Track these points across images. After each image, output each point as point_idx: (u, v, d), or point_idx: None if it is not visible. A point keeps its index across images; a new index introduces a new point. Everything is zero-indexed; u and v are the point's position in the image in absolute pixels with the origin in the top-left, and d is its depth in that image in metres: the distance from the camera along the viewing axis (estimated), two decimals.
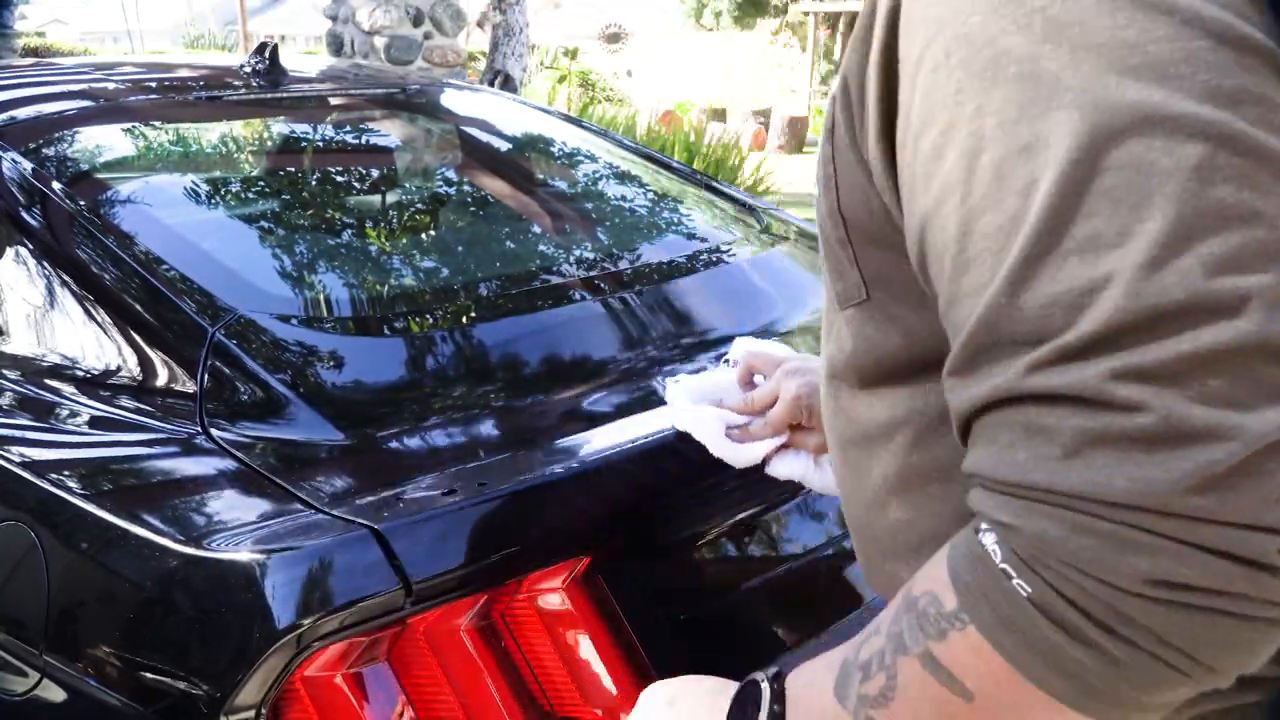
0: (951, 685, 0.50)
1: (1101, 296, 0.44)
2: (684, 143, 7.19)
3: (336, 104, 2.12)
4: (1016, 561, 0.47)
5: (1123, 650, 0.45)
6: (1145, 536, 0.43)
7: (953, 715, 0.51)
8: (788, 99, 18.08)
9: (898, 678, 0.53)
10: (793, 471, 1.04)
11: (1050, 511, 0.45)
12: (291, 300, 1.39)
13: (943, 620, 0.50)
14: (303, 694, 0.88)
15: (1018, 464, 0.46)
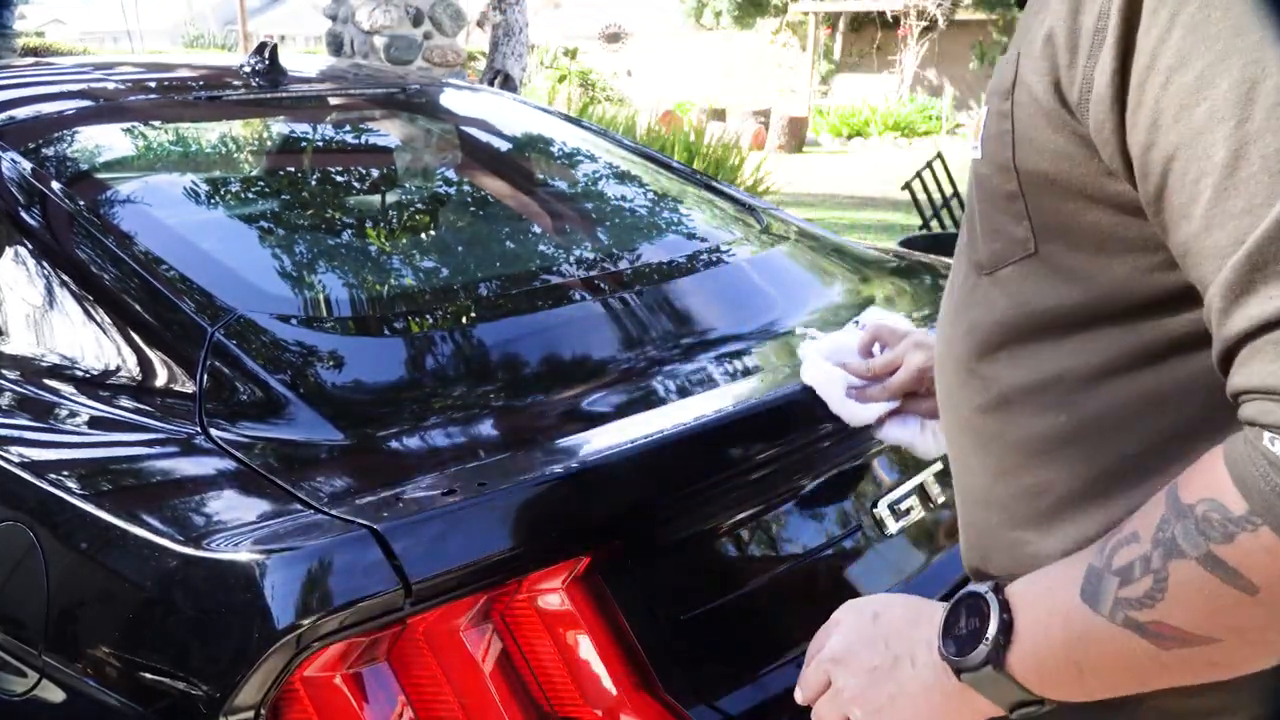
0: (1235, 581, 0.54)
1: None
2: (684, 143, 7.19)
3: (336, 104, 2.12)
4: None
5: None
6: None
7: (1231, 609, 0.55)
8: (788, 99, 18.08)
9: (1169, 579, 0.57)
10: (901, 437, 1.13)
11: None
12: (291, 300, 1.39)
13: (1230, 524, 0.54)
14: (302, 694, 0.88)
15: None
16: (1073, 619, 0.62)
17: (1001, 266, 0.69)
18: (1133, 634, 0.59)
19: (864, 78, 18.00)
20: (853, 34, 18.49)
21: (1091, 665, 0.62)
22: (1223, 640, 0.57)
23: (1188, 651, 0.58)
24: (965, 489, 0.78)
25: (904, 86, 16.81)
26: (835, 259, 1.84)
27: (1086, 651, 0.62)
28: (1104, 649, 0.61)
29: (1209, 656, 0.58)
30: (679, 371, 1.32)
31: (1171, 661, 0.59)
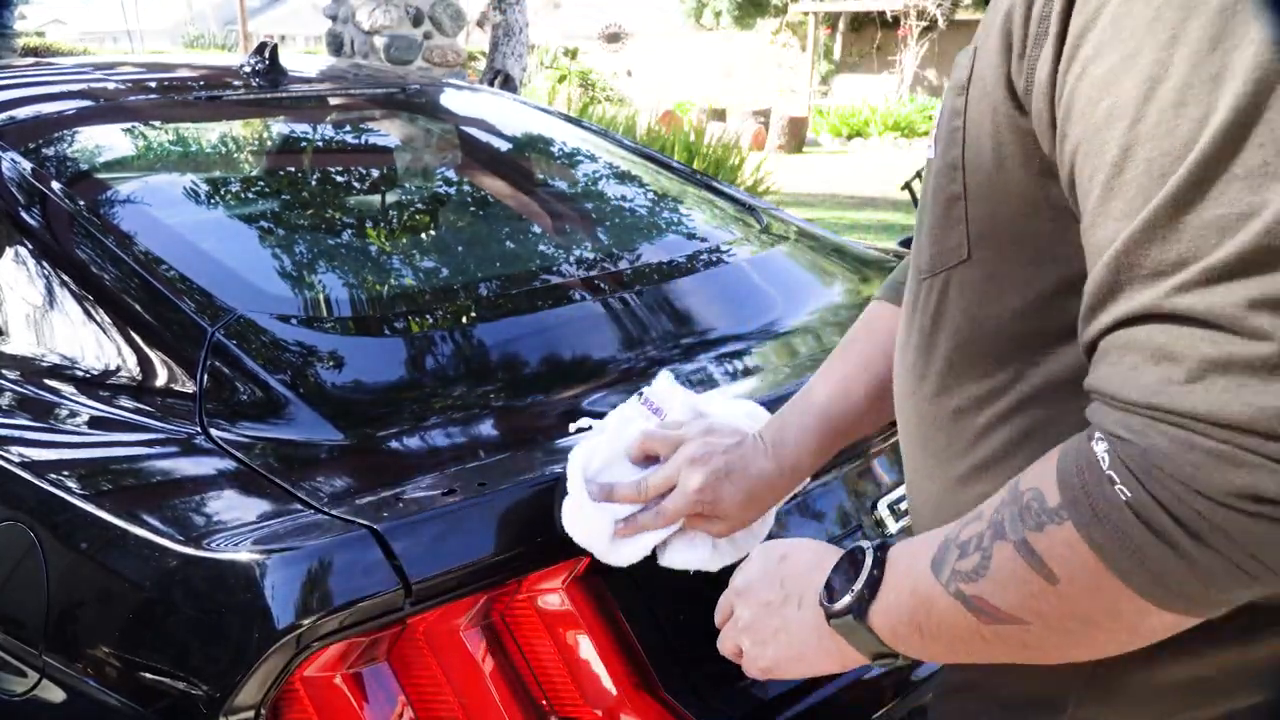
0: (1040, 569, 0.56)
1: (1254, 222, 0.46)
2: (684, 143, 7.19)
3: (336, 104, 2.12)
4: (1123, 470, 0.51)
5: (1204, 555, 0.49)
6: (1249, 456, 0.47)
7: (1035, 595, 0.57)
8: (788, 99, 18.08)
9: (992, 559, 0.59)
10: (688, 562, 0.97)
11: (1165, 430, 0.49)
12: (291, 300, 1.39)
13: (1043, 515, 0.55)
14: (302, 694, 0.88)
15: (1142, 386, 0.50)
16: (920, 584, 0.64)
17: (939, 271, 0.68)
18: (960, 605, 0.61)
19: (864, 78, 18.01)
20: (853, 34, 18.50)
21: (930, 629, 0.64)
22: (1030, 623, 0.58)
23: (1002, 629, 0.60)
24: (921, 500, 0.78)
25: (904, 86, 16.81)
26: (835, 259, 1.84)
27: (927, 616, 0.64)
28: (939, 616, 0.63)
29: (1020, 638, 0.59)
30: (679, 371, 1.32)
31: (990, 636, 0.61)
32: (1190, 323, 0.48)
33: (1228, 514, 0.48)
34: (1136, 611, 0.54)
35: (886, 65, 17.60)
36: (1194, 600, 0.52)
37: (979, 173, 0.64)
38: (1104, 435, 0.52)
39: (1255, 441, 0.47)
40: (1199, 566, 0.50)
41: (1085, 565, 0.54)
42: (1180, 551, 0.50)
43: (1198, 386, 0.48)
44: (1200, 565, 0.50)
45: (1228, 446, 0.47)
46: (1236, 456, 0.47)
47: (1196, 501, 0.48)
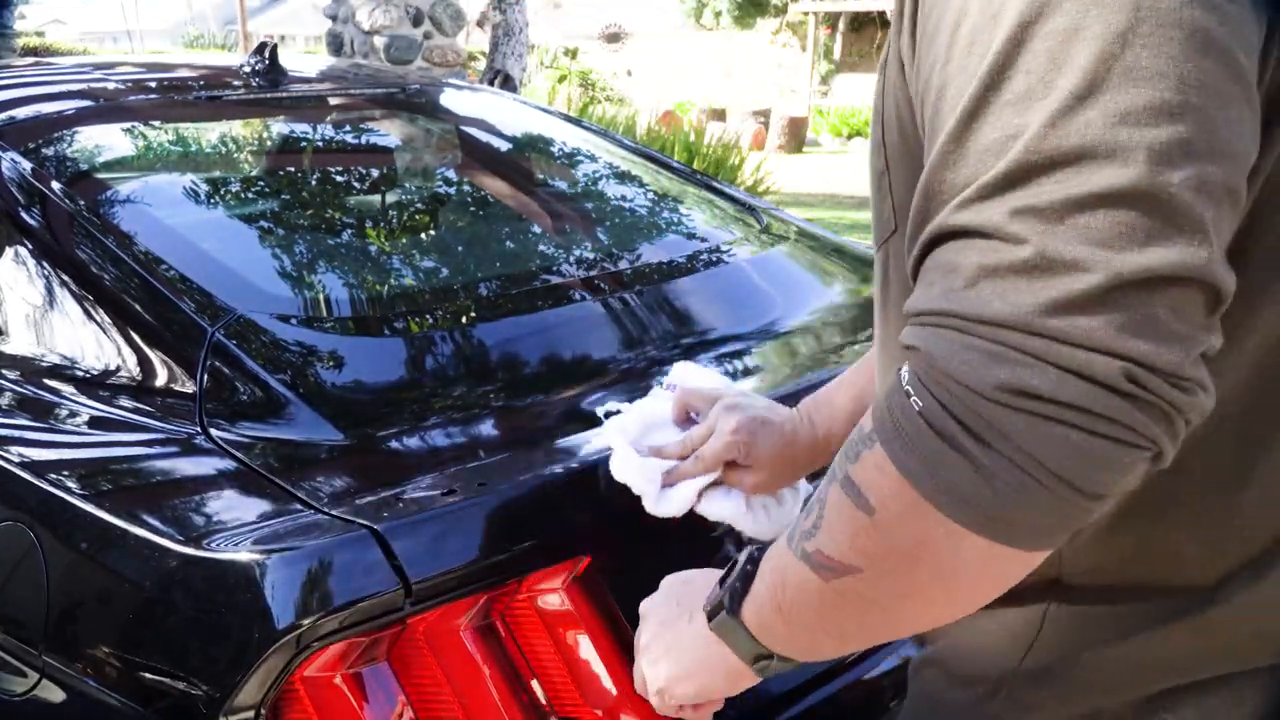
0: (858, 501, 0.56)
1: (1018, 142, 0.50)
2: (684, 143, 7.19)
3: (336, 104, 2.12)
4: (915, 381, 0.52)
5: (989, 457, 0.50)
6: (1010, 351, 0.49)
7: (858, 532, 0.56)
8: (788, 99, 18.08)
9: (826, 506, 0.59)
10: (723, 512, 0.98)
11: (943, 333, 0.51)
12: (291, 300, 1.39)
13: (860, 443, 0.56)
14: (302, 694, 0.88)
15: (930, 297, 0.53)
16: (778, 560, 0.64)
17: (879, 245, 0.71)
18: (805, 566, 0.61)
19: (864, 78, 17.99)
20: (853, 34, 18.49)
21: (787, 607, 0.64)
22: (862, 570, 0.57)
23: (841, 584, 0.59)
24: None
25: None
26: (835, 259, 1.84)
27: (784, 592, 0.63)
28: (792, 588, 0.62)
29: (859, 591, 0.58)
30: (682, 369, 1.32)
31: (834, 598, 0.60)
32: (969, 235, 0.51)
33: (1000, 410, 0.49)
34: (947, 537, 0.53)
35: None
36: (994, 520, 0.51)
37: (893, 146, 0.66)
38: (906, 354, 0.54)
39: (1017, 338, 0.48)
40: (985, 471, 0.50)
41: (893, 488, 0.54)
42: (966, 455, 0.50)
43: (970, 291, 0.50)
44: (986, 470, 0.50)
45: (994, 344, 0.49)
46: (1001, 353, 0.49)
47: (972, 400, 0.50)
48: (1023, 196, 0.49)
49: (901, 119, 0.64)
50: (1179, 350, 0.48)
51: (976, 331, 0.50)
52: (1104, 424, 0.48)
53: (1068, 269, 0.48)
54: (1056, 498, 0.50)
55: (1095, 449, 0.49)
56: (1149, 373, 0.48)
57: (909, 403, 0.52)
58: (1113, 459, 0.49)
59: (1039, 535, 0.53)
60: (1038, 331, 0.48)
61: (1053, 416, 0.48)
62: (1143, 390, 0.48)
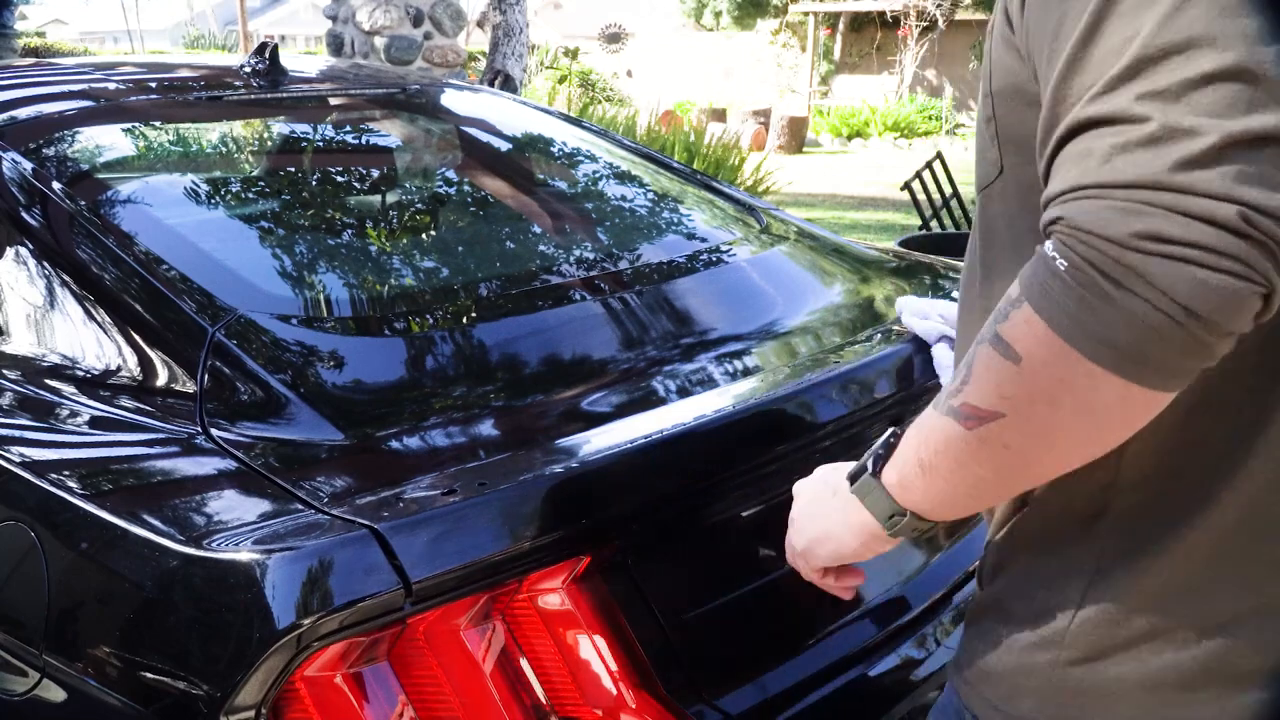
0: (1006, 353, 0.63)
1: (1135, 41, 0.59)
2: (684, 143, 7.19)
3: (336, 104, 2.12)
4: (1059, 245, 0.60)
5: (1129, 300, 0.58)
6: (1144, 206, 0.57)
7: (1005, 380, 0.64)
8: (788, 99, 18.08)
9: (974, 364, 0.66)
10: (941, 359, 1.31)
11: (1083, 202, 0.59)
12: (291, 300, 1.39)
13: (1008, 305, 0.64)
14: (303, 694, 0.88)
15: (1068, 179, 0.61)
16: (923, 421, 0.72)
17: (982, 188, 0.79)
18: (950, 419, 0.68)
19: (864, 78, 18.00)
20: (853, 34, 18.48)
21: (928, 460, 0.71)
22: (1004, 414, 0.65)
23: (984, 432, 0.66)
24: None
25: (904, 87, 16.81)
26: (835, 259, 1.84)
27: (927, 446, 0.71)
28: (935, 441, 0.70)
29: (1000, 437, 0.65)
30: (679, 371, 1.33)
31: (976, 446, 0.67)
32: (1100, 124, 0.60)
33: (1138, 256, 0.57)
34: (1087, 377, 0.60)
35: (886, 65, 17.60)
36: (1130, 359, 0.59)
37: (1001, 95, 0.75)
38: (1048, 231, 0.62)
39: (1148, 194, 0.57)
40: (1124, 311, 0.58)
41: (1038, 336, 0.61)
42: (1109, 299, 0.58)
43: (1106, 165, 0.59)
44: (1125, 309, 0.58)
45: (1130, 202, 0.57)
46: (1136, 208, 0.57)
47: (1113, 250, 0.58)
48: (1143, 84, 0.58)
49: (1009, 69, 0.73)
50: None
51: (1113, 195, 0.58)
52: (1226, 260, 0.56)
53: (1187, 135, 0.56)
54: (1186, 333, 0.57)
55: (1220, 283, 0.56)
56: (1260, 215, 0.55)
57: (1054, 264, 0.60)
58: (1234, 292, 0.56)
59: (1168, 374, 0.60)
60: (1166, 186, 0.57)
61: (1183, 258, 0.56)
62: (1255, 230, 0.56)
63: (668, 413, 1.18)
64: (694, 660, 1.08)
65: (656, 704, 1.01)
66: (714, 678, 1.09)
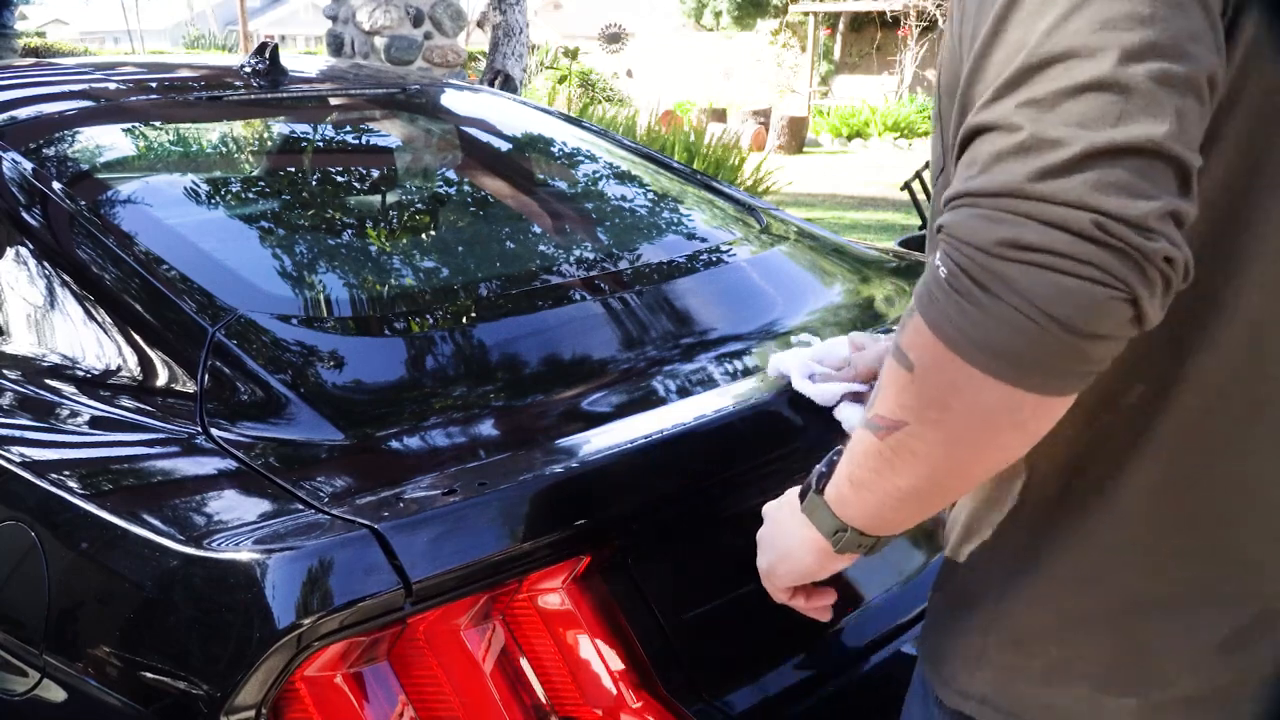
0: (902, 361, 0.66)
1: (1023, 51, 0.61)
2: (684, 143, 7.19)
3: (336, 104, 2.12)
4: (942, 255, 0.63)
5: (995, 304, 0.60)
6: (1007, 215, 0.60)
7: (902, 388, 0.67)
8: (788, 99, 18.08)
9: (883, 375, 0.69)
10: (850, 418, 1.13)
11: (959, 210, 0.62)
12: (291, 300, 1.39)
13: (906, 315, 0.67)
14: (303, 694, 0.88)
15: (954, 189, 0.63)
16: (852, 439, 0.75)
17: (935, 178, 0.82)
18: (868, 431, 0.71)
19: (864, 78, 17.99)
20: (852, 34, 18.49)
21: (854, 473, 0.74)
22: (908, 422, 0.67)
23: (893, 439, 0.68)
24: None
25: (904, 87, 16.80)
26: (835, 259, 1.84)
27: (854, 460, 0.74)
28: (858, 453, 0.73)
29: (909, 446, 0.68)
30: (679, 371, 1.33)
31: (889, 455, 0.70)
32: (985, 131, 0.62)
33: (1001, 263, 0.60)
34: (969, 382, 0.62)
35: (886, 65, 17.60)
36: (1003, 361, 0.61)
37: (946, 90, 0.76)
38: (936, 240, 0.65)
39: (1011, 203, 0.59)
40: (993, 315, 0.60)
41: (926, 343, 0.64)
42: (978, 304, 0.60)
43: (982, 174, 0.61)
44: (993, 314, 0.60)
45: (995, 210, 0.60)
46: (1000, 216, 0.60)
47: (979, 257, 0.60)
48: (1024, 92, 0.60)
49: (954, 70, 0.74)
50: (1143, 206, 0.57)
51: (982, 203, 0.61)
52: (1082, 267, 0.58)
53: (1053, 145, 0.59)
54: (1050, 335, 0.59)
55: (1076, 289, 0.58)
56: (1115, 222, 0.57)
57: (937, 273, 0.63)
58: (1091, 297, 0.58)
59: (1047, 377, 0.62)
60: (1028, 195, 0.59)
61: (1042, 264, 0.58)
62: (1110, 237, 0.57)
63: (668, 413, 1.18)
64: (694, 660, 1.08)
65: (656, 704, 1.01)
66: (714, 678, 1.09)
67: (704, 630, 1.11)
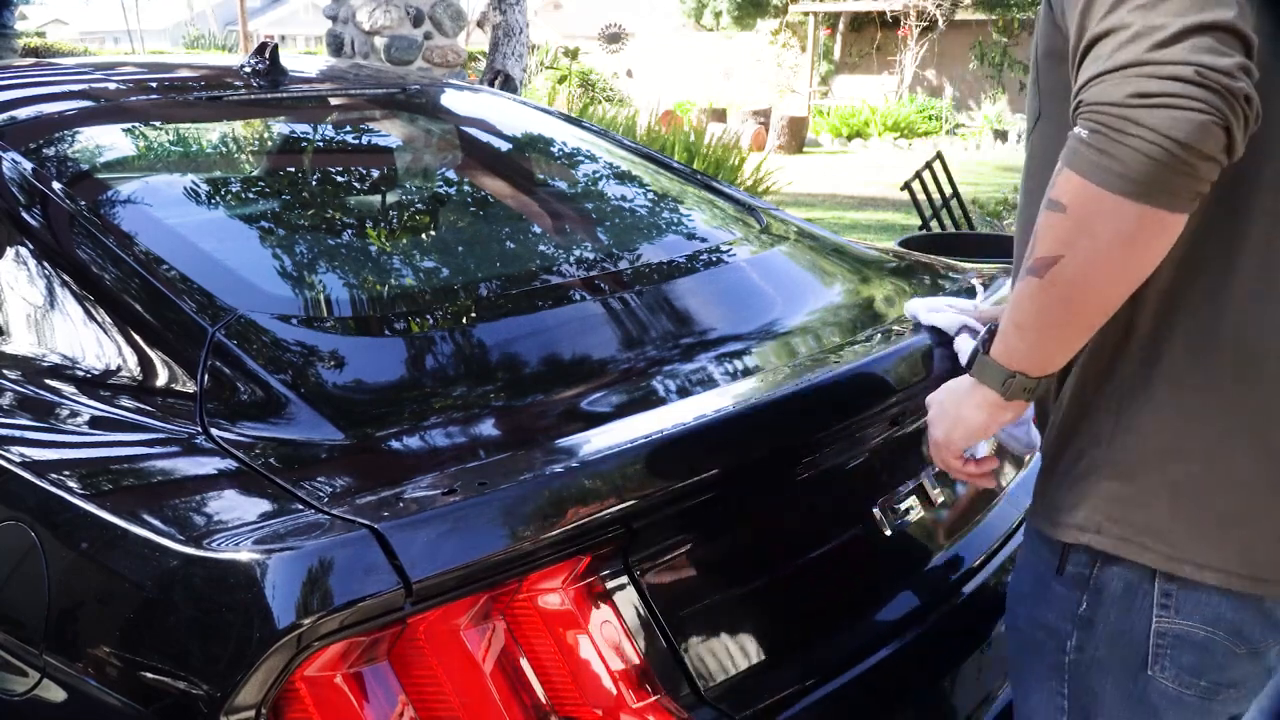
0: (1054, 207, 0.89)
1: None
2: (684, 143, 7.19)
3: (337, 104, 2.12)
4: (1082, 121, 0.86)
5: (1129, 140, 0.82)
6: (1132, 77, 0.83)
7: (1056, 227, 0.89)
8: (788, 99, 18.07)
9: (1037, 229, 0.91)
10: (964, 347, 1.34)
11: (1091, 87, 0.85)
12: (291, 300, 1.39)
13: (1054, 178, 0.89)
14: (303, 694, 0.88)
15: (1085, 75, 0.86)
16: (1010, 296, 0.96)
17: (1029, 133, 1.07)
18: (1028, 277, 0.92)
19: (864, 78, 17.99)
20: (853, 34, 18.48)
21: (1020, 318, 0.95)
22: (1063, 255, 0.89)
23: (1051, 274, 0.90)
24: None
25: (904, 87, 16.81)
26: (835, 259, 1.84)
27: (1017, 309, 0.95)
28: (1021, 299, 0.94)
29: (1067, 276, 0.89)
30: (679, 371, 1.33)
31: (1049, 290, 0.91)
32: (1106, 35, 0.85)
33: (1131, 110, 0.82)
34: (1113, 206, 0.84)
35: (886, 65, 17.60)
36: (1138, 183, 0.83)
37: (1043, 57, 1.02)
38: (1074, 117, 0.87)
39: (1135, 69, 0.82)
40: (1129, 148, 0.82)
41: (1075, 187, 0.86)
42: (1114, 144, 0.83)
43: (1108, 60, 0.84)
44: (1129, 147, 0.82)
45: (1123, 77, 0.83)
46: (1127, 79, 0.83)
47: (1113, 110, 0.83)
48: (1131, 3, 0.84)
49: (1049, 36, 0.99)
50: (1227, 61, 0.81)
51: (1111, 76, 0.83)
52: (1191, 102, 0.80)
53: (1160, 29, 0.82)
54: (1171, 156, 0.81)
55: (1187, 118, 0.80)
56: (1211, 71, 0.80)
57: (1080, 134, 0.86)
58: (1198, 123, 0.80)
59: (1172, 194, 0.83)
60: (1146, 61, 0.82)
61: (1161, 105, 0.81)
62: (1208, 80, 0.80)
63: (668, 413, 1.18)
64: (694, 660, 1.08)
65: (656, 704, 1.01)
66: (714, 678, 1.09)
67: (704, 630, 1.11)
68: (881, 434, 1.35)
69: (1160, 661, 1.01)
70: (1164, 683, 1.02)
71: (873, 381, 1.33)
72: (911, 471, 1.40)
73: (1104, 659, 1.04)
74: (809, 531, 1.28)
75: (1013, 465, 1.67)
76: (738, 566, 1.19)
